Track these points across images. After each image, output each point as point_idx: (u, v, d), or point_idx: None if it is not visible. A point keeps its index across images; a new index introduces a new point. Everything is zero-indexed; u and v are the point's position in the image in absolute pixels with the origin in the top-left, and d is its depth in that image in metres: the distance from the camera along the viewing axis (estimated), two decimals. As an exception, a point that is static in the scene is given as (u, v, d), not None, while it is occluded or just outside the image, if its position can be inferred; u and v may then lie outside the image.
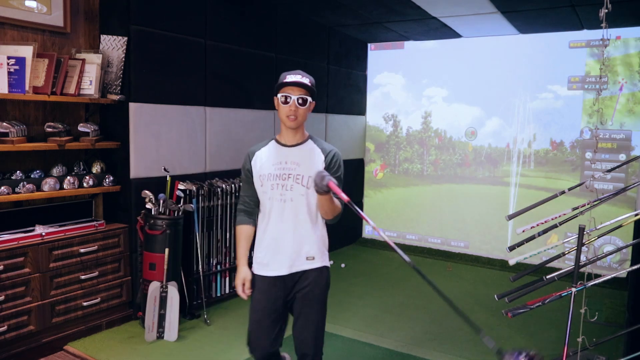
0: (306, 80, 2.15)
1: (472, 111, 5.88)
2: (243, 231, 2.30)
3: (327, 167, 2.21)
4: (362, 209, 6.59)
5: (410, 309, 4.28)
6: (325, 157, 2.23)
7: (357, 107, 6.40)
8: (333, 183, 1.99)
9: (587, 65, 5.17)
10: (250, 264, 2.31)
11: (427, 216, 6.17)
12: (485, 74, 5.71)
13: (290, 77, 2.14)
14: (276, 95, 2.17)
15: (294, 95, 2.13)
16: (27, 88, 3.14)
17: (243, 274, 2.25)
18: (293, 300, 2.27)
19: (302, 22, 5.33)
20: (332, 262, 5.54)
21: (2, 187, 3.09)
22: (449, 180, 6.08)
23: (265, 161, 2.22)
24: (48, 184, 3.30)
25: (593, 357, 3.19)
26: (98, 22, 3.76)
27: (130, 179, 3.73)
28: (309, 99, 2.16)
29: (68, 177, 3.42)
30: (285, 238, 2.20)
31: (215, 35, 4.26)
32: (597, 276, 2.60)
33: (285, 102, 2.14)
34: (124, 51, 3.63)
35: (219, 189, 4.15)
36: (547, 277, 2.71)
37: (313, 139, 2.28)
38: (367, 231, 6.58)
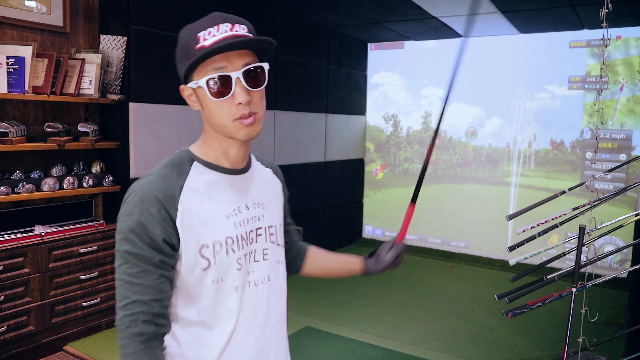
0: (244, 28, 1.07)
1: (472, 111, 5.87)
2: None
3: (285, 197, 1.38)
4: (362, 209, 6.60)
5: (410, 309, 4.27)
6: (281, 180, 1.38)
7: (357, 107, 6.40)
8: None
9: (587, 65, 5.17)
10: None
11: (427, 216, 6.17)
12: (486, 73, 5.71)
13: (213, 33, 1.03)
14: (187, 82, 1.09)
15: (235, 71, 1.02)
16: (26, 88, 3.14)
17: None
18: None
19: (302, 22, 5.32)
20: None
21: (2, 187, 3.09)
22: (449, 180, 6.07)
23: (213, 212, 1.06)
24: (48, 184, 3.30)
25: (593, 358, 3.19)
26: (98, 21, 3.76)
27: (130, 179, 3.73)
28: (264, 65, 1.06)
29: (68, 177, 3.42)
30: (269, 354, 1.19)
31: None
32: (598, 276, 2.59)
33: (222, 91, 1.02)
34: (124, 51, 3.63)
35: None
36: (548, 277, 2.71)
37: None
38: (367, 231, 6.57)
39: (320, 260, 1.47)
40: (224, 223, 1.06)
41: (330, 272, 1.49)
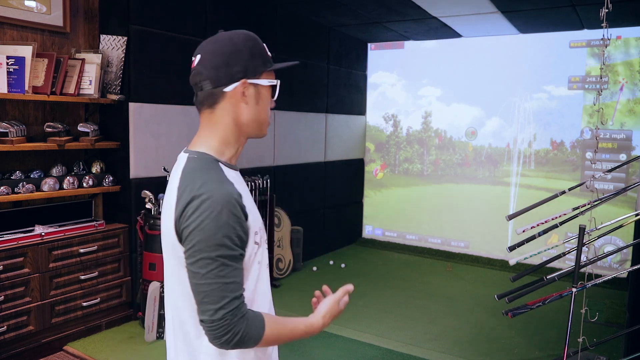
0: None
1: (472, 111, 5.87)
2: (268, 318, 1.16)
3: None
4: (362, 209, 6.60)
5: (410, 309, 4.27)
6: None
7: (357, 107, 6.40)
8: None
9: (587, 65, 5.17)
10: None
11: (427, 216, 6.17)
12: (486, 73, 5.71)
13: (267, 50, 1.26)
14: (252, 77, 1.19)
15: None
16: (26, 88, 3.14)
17: (329, 304, 1.26)
18: None
19: (302, 22, 5.32)
20: (332, 262, 5.56)
21: (2, 187, 3.09)
22: (449, 180, 6.07)
23: (252, 206, 1.20)
24: (48, 184, 3.30)
25: (593, 357, 3.19)
26: (98, 21, 3.76)
27: (130, 179, 3.73)
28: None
29: (68, 177, 3.42)
30: None
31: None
32: (598, 276, 2.60)
33: (273, 95, 1.26)
34: (124, 51, 3.63)
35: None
36: (548, 277, 2.71)
37: None
38: (367, 231, 6.57)
39: None
40: (257, 212, 1.21)
41: None
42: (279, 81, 1.24)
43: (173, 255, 1.15)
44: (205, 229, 1.06)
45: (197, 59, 1.20)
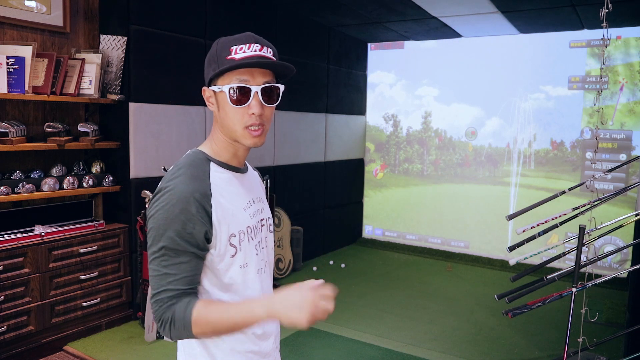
0: (270, 51, 1.19)
1: (472, 111, 5.88)
2: (205, 305, 1.10)
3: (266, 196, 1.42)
4: (362, 209, 6.60)
5: (410, 309, 4.27)
6: (263, 183, 1.46)
7: (357, 107, 6.40)
8: None
9: (587, 65, 5.17)
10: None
11: (427, 216, 6.17)
12: (486, 73, 5.71)
13: (244, 49, 1.15)
14: (211, 84, 1.20)
15: (255, 85, 1.16)
16: (26, 88, 3.14)
17: (291, 293, 1.08)
18: None
19: (302, 22, 5.32)
20: (332, 262, 5.56)
21: (2, 187, 3.09)
22: (449, 180, 6.07)
23: (235, 205, 1.20)
24: (48, 184, 3.30)
25: (593, 358, 3.19)
26: (98, 21, 3.76)
27: (130, 178, 3.72)
28: (280, 87, 1.21)
29: (68, 177, 3.42)
30: (271, 329, 1.31)
31: (215, 35, 4.25)
32: (598, 276, 2.60)
33: (241, 99, 1.16)
34: (124, 51, 3.63)
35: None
36: (548, 277, 2.71)
37: None
38: (367, 231, 6.57)
39: None
40: (243, 214, 1.21)
41: None
42: (237, 84, 1.14)
43: None
44: (157, 218, 1.12)
45: None
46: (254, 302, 1.09)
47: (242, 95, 1.15)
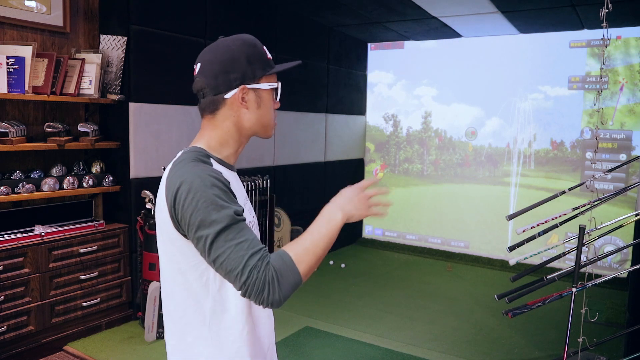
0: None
1: (472, 111, 5.88)
2: (290, 245, 1.15)
3: None
4: (362, 209, 6.58)
5: (410, 309, 4.27)
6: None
7: (357, 107, 6.40)
8: None
9: (587, 65, 5.17)
10: None
11: (427, 216, 6.17)
12: (486, 73, 5.71)
13: (268, 52, 1.26)
14: (250, 83, 1.20)
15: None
16: (26, 88, 3.14)
17: (349, 194, 1.26)
18: None
19: (302, 22, 5.32)
20: (332, 262, 5.56)
21: (2, 187, 3.09)
22: (449, 180, 6.07)
23: (240, 199, 1.22)
24: (48, 184, 3.30)
25: (593, 358, 3.19)
26: (98, 21, 3.76)
27: (130, 178, 3.72)
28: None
29: (68, 177, 3.42)
30: (272, 333, 1.34)
31: (215, 35, 4.24)
32: (598, 276, 2.59)
33: (276, 97, 1.28)
34: (124, 51, 3.63)
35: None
36: (548, 277, 2.71)
37: None
38: (367, 231, 6.57)
39: None
40: (245, 210, 1.19)
41: None
42: (279, 83, 1.25)
43: (170, 245, 1.15)
44: (199, 209, 1.07)
45: (197, 67, 1.22)
46: (324, 214, 1.22)
47: (277, 94, 1.27)
